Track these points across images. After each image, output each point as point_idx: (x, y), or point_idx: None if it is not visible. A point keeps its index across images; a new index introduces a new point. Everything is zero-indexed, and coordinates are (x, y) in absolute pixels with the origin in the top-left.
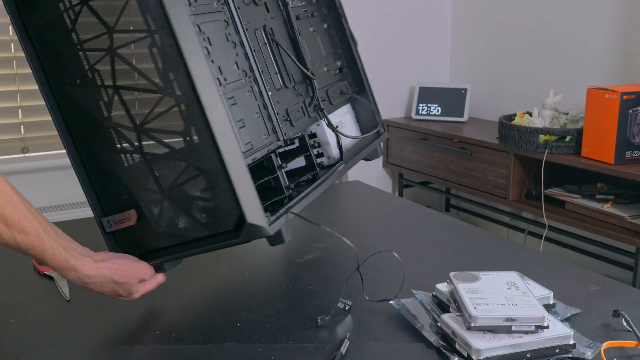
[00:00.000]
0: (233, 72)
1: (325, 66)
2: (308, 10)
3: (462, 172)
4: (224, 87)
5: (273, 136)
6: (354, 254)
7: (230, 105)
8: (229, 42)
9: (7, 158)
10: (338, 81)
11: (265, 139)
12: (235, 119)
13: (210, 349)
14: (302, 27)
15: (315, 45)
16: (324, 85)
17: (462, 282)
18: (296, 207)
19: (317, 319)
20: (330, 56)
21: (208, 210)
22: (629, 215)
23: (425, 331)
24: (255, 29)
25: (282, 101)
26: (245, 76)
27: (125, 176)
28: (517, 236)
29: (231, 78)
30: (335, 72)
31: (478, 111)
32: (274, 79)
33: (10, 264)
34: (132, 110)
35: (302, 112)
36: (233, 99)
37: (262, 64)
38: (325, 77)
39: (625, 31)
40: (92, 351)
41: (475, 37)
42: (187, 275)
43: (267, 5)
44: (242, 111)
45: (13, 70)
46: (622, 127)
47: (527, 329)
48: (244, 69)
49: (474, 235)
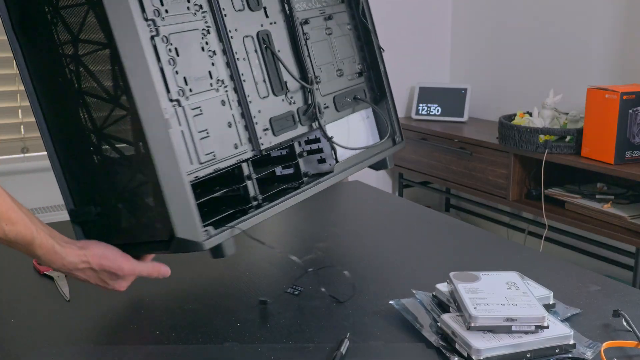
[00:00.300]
0: (203, 82)
1: (339, 70)
2: (327, 12)
3: (462, 172)
4: (186, 97)
5: (247, 146)
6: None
7: (193, 115)
8: (204, 52)
9: (7, 158)
10: (354, 85)
11: (235, 148)
12: (198, 129)
13: (210, 349)
14: (314, 30)
15: (328, 48)
16: (335, 90)
17: (462, 282)
18: (260, 216)
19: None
20: (348, 59)
21: (149, 217)
22: (629, 215)
23: (425, 331)
24: (245, 35)
25: (266, 110)
26: (222, 85)
27: (90, 173)
28: (517, 236)
29: (199, 88)
30: (353, 77)
31: (478, 111)
32: (260, 88)
33: (10, 264)
34: (94, 114)
35: (293, 121)
36: (199, 109)
37: (247, 72)
38: (336, 82)
39: (625, 31)
40: (92, 351)
41: (475, 37)
42: (187, 275)
43: (267, 11)
44: (209, 122)
45: (13, 70)
46: (622, 127)
47: (527, 329)
48: (221, 78)
49: (474, 235)
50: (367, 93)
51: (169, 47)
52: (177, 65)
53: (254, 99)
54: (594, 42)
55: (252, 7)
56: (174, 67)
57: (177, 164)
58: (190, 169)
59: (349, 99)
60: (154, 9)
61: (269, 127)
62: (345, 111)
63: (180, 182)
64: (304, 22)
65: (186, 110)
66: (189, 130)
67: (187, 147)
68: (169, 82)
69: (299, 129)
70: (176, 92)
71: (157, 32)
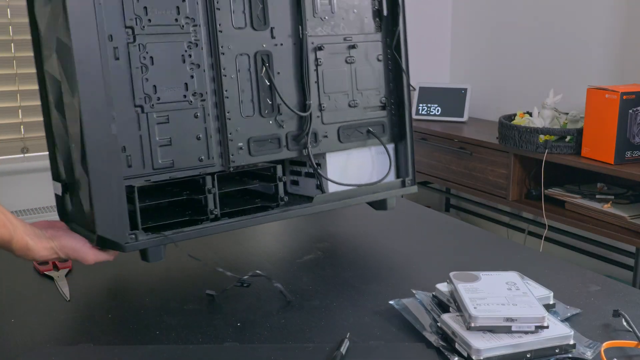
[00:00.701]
0: (175, 93)
1: (353, 101)
2: (353, 40)
3: (462, 172)
4: (151, 105)
5: (218, 160)
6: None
7: (157, 123)
8: (184, 64)
9: (7, 158)
10: (373, 118)
11: (199, 161)
12: (158, 137)
13: (210, 349)
14: (331, 56)
15: (345, 77)
16: (342, 121)
17: (462, 282)
18: (211, 229)
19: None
20: (371, 91)
21: (86, 209)
22: (629, 215)
23: (425, 331)
24: (240, 53)
25: (246, 129)
26: (199, 99)
27: (60, 153)
28: (517, 236)
29: (169, 99)
30: (374, 109)
31: (478, 111)
32: (245, 107)
33: (10, 264)
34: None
35: (278, 144)
36: (165, 118)
37: (233, 89)
38: (346, 112)
39: (625, 31)
40: (92, 351)
41: (475, 37)
42: (186, 275)
43: (274, 31)
44: (174, 131)
45: (13, 70)
46: (622, 127)
47: (527, 329)
48: (200, 92)
49: (474, 235)
50: (388, 128)
51: (143, 55)
52: (148, 73)
53: (234, 116)
54: (594, 42)
55: (255, 26)
56: (144, 75)
57: (112, 166)
58: (142, 173)
59: (362, 132)
60: (135, 17)
61: (246, 146)
62: (352, 143)
63: (112, 183)
64: (317, 47)
65: (149, 116)
66: (148, 136)
67: (143, 152)
68: (135, 89)
69: (284, 153)
70: (141, 98)
71: (134, 39)
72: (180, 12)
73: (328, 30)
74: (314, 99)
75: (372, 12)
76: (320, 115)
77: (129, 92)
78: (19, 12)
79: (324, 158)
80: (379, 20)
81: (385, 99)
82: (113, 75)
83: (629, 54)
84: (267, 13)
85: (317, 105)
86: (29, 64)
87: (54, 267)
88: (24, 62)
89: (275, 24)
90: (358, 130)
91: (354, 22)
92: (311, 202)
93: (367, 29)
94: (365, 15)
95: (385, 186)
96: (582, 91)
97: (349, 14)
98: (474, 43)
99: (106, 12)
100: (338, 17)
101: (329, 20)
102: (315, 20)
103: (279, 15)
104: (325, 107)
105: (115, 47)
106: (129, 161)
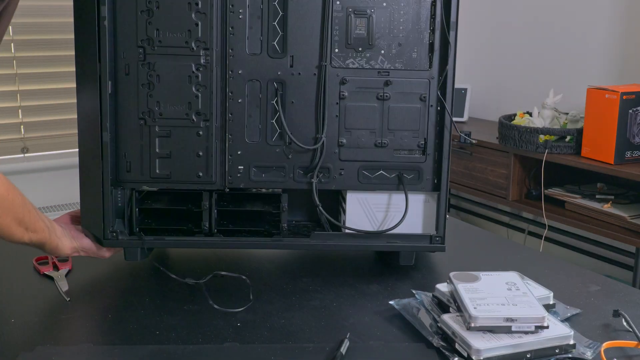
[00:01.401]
0: (178, 110)
1: (380, 141)
2: (390, 75)
3: (462, 172)
4: (154, 119)
5: (219, 179)
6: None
7: (157, 136)
8: (190, 84)
9: (7, 158)
10: (407, 162)
11: (198, 177)
12: (158, 149)
13: (210, 349)
14: (359, 91)
15: (373, 114)
16: (363, 160)
17: (462, 282)
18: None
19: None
20: (406, 132)
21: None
22: (629, 215)
23: (425, 331)
24: (250, 79)
25: (249, 154)
26: (202, 118)
27: None
28: (517, 236)
29: (171, 115)
30: (410, 152)
31: (478, 111)
32: (251, 132)
33: (10, 264)
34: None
35: (283, 173)
36: (167, 132)
37: (240, 113)
38: (369, 152)
39: (625, 31)
40: (92, 351)
41: (475, 37)
42: (186, 275)
43: (295, 59)
44: (174, 145)
45: (13, 70)
46: (622, 127)
47: (527, 329)
48: (204, 112)
49: (474, 235)
50: (425, 175)
51: (150, 73)
52: (153, 90)
53: (237, 140)
54: (594, 42)
55: (271, 54)
56: (149, 91)
57: (99, 169)
58: (140, 179)
59: (389, 175)
60: (147, 37)
61: (246, 170)
62: (374, 185)
63: (98, 184)
64: (342, 80)
65: (151, 129)
66: (148, 146)
67: (142, 160)
68: (140, 103)
69: (289, 183)
70: (144, 112)
71: (145, 58)
72: (192, 35)
73: (362, 63)
74: (332, 133)
75: (421, 46)
76: (338, 152)
77: (135, 105)
78: (19, 12)
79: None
80: (430, 56)
81: (424, 142)
82: (121, 88)
83: (629, 54)
84: (286, 41)
85: (336, 141)
86: (29, 64)
87: (54, 267)
88: (24, 62)
89: (296, 52)
90: (385, 173)
91: (396, 56)
92: (309, 238)
93: (412, 64)
94: (414, 49)
95: (406, 238)
96: (582, 91)
97: (392, 47)
98: (474, 43)
99: (121, 31)
100: (377, 49)
101: (364, 51)
102: (348, 51)
103: (302, 44)
104: (344, 143)
105: (127, 64)
106: (128, 167)
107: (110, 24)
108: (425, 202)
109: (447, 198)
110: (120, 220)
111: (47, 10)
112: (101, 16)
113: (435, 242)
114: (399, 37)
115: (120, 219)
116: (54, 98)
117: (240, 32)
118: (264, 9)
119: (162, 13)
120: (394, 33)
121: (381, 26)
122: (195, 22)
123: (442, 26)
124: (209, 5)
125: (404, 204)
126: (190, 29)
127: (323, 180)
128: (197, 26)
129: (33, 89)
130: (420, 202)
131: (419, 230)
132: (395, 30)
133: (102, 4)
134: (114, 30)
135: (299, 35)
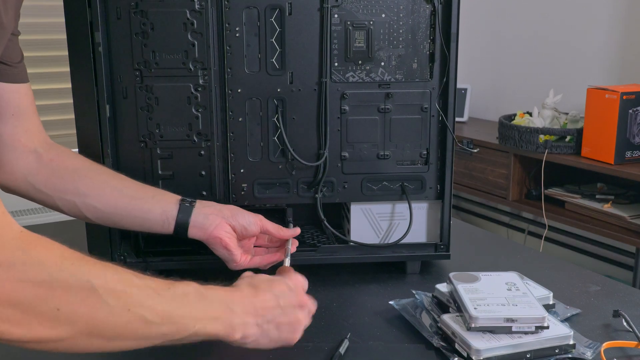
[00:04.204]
0: (179, 132)
1: (382, 154)
2: (391, 88)
3: (462, 172)
4: (154, 142)
5: (221, 197)
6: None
7: (159, 157)
8: (190, 105)
9: None
10: (410, 173)
11: (202, 196)
12: (161, 170)
13: (210, 349)
14: (360, 105)
15: (375, 127)
16: (366, 172)
17: (462, 283)
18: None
19: None
20: (409, 144)
21: None
22: (629, 215)
23: (425, 331)
24: (250, 97)
25: (252, 171)
26: (203, 139)
27: None
28: (517, 236)
29: (172, 136)
30: (414, 162)
31: (478, 111)
32: (253, 149)
33: None
34: None
35: (287, 189)
36: (168, 154)
37: (241, 131)
38: (372, 164)
39: (625, 31)
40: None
41: (475, 37)
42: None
43: (294, 76)
44: (177, 166)
45: None
46: (622, 127)
47: (527, 329)
48: (205, 132)
49: (474, 235)
50: (428, 184)
51: (148, 95)
52: (152, 113)
53: (239, 158)
54: (594, 42)
55: (270, 71)
56: (149, 114)
57: None
58: None
59: (392, 186)
60: (143, 60)
61: (250, 187)
62: (377, 196)
63: None
64: (343, 95)
65: (152, 151)
66: (151, 168)
67: (145, 182)
68: (140, 126)
69: (293, 198)
70: (145, 135)
71: (142, 81)
72: (189, 56)
73: (362, 76)
74: (334, 147)
75: (422, 57)
76: (341, 165)
77: (135, 128)
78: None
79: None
80: (430, 66)
81: (426, 153)
82: (119, 112)
83: (629, 54)
84: (285, 58)
85: (338, 155)
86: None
87: None
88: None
89: (295, 68)
90: (388, 184)
91: (397, 67)
92: (315, 252)
93: (412, 75)
94: (414, 59)
95: (411, 248)
96: (582, 91)
97: (391, 58)
98: (474, 43)
99: (116, 55)
100: (377, 61)
101: (364, 64)
102: (348, 64)
103: (301, 60)
104: (346, 157)
105: (124, 87)
106: None
107: (105, 49)
108: (428, 210)
109: (450, 206)
110: (126, 242)
111: (47, 10)
112: (95, 42)
113: (440, 250)
114: (399, 48)
115: (126, 241)
116: (54, 98)
117: (237, 51)
118: (261, 26)
119: (158, 35)
120: (393, 44)
121: (380, 38)
122: (192, 42)
123: (442, 37)
124: (204, 24)
125: (407, 212)
126: (186, 49)
127: (327, 194)
128: (194, 46)
129: (33, 89)
130: (424, 210)
131: (423, 239)
132: (395, 42)
133: (96, 30)
134: (109, 54)
135: (297, 51)
